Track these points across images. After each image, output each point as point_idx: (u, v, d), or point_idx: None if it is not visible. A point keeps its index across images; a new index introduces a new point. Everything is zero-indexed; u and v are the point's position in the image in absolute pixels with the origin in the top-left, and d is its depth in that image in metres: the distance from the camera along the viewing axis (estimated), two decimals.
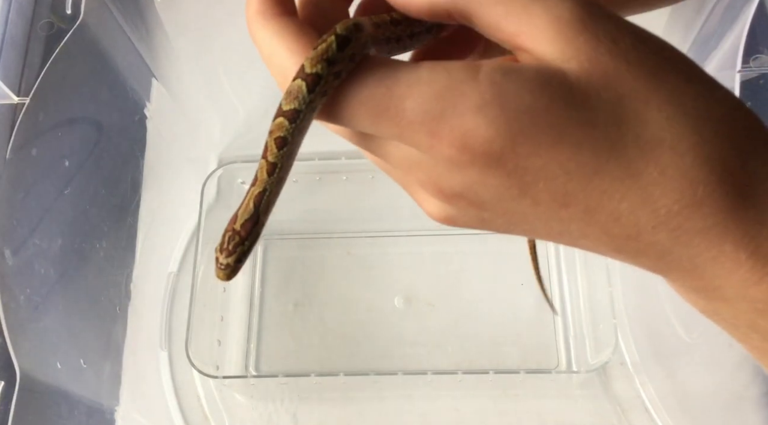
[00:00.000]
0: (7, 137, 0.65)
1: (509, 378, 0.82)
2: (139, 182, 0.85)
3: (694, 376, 0.79)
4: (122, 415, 0.77)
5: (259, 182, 0.30)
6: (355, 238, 0.92)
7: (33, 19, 0.73)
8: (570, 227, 0.26)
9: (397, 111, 0.24)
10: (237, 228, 0.30)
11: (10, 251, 0.64)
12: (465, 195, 0.26)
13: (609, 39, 0.24)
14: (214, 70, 0.88)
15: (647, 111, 0.23)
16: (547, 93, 0.23)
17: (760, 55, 0.67)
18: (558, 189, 0.24)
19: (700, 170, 0.23)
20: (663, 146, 0.23)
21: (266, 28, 0.27)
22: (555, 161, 0.24)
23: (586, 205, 0.24)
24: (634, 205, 0.24)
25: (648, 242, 0.25)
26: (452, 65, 0.24)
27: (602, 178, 0.24)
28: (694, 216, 0.24)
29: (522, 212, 0.26)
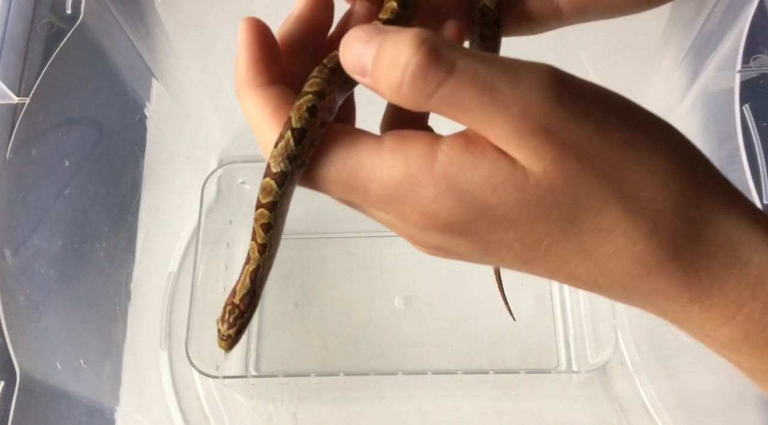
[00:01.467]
0: (7, 137, 0.65)
1: (509, 378, 0.82)
2: (139, 182, 0.85)
3: (694, 376, 0.79)
4: (122, 415, 0.77)
5: (252, 260, 0.33)
6: (355, 238, 0.92)
7: (33, 19, 0.73)
8: (539, 275, 0.28)
9: (365, 190, 0.27)
10: (236, 302, 0.34)
11: (10, 251, 0.64)
12: (440, 248, 0.29)
13: (573, 144, 0.24)
14: (214, 70, 0.88)
15: (605, 206, 0.25)
16: (499, 192, 0.25)
17: (760, 55, 0.67)
18: (519, 255, 0.27)
19: (651, 252, 0.25)
20: (616, 233, 0.25)
21: (250, 100, 0.29)
22: (512, 238, 0.26)
23: (546, 267, 0.27)
24: (590, 271, 0.26)
25: (610, 293, 0.27)
26: (411, 150, 0.26)
27: (558, 252, 0.26)
28: (647, 281, 0.26)
29: (494, 262, 0.29)
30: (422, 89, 0.24)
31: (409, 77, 0.24)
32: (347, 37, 0.26)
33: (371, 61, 0.25)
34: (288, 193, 0.30)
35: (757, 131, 0.64)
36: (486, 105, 0.24)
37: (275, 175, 0.28)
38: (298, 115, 0.27)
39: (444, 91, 0.24)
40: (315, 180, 0.28)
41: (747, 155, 0.63)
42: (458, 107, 0.24)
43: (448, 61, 0.24)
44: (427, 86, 0.24)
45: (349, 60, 0.26)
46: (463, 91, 0.24)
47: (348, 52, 0.26)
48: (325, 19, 0.31)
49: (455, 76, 0.24)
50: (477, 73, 0.24)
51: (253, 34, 0.29)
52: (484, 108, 0.24)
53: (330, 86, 0.28)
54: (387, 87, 0.25)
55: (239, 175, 0.92)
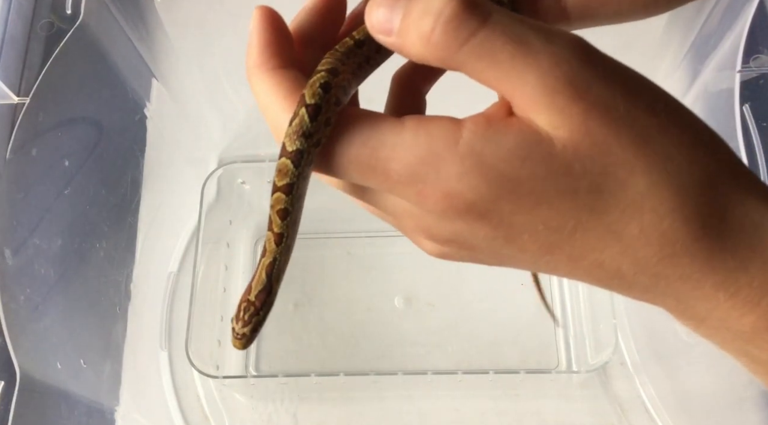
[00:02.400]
0: (7, 137, 0.65)
1: (509, 378, 0.82)
2: (139, 182, 0.85)
3: (694, 376, 0.79)
4: (122, 415, 0.77)
5: (268, 252, 0.32)
6: (355, 238, 0.92)
7: (33, 19, 0.73)
8: (557, 268, 0.27)
9: (384, 170, 0.25)
10: (252, 299, 0.32)
11: (10, 251, 0.64)
12: (455, 240, 0.27)
13: (601, 106, 0.24)
14: (214, 70, 0.88)
15: (631, 178, 0.24)
16: (527, 163, 0.24)
17: (760, 55, 0.67)
18: (541, 240, 0.26)
19: (678, 230, 0.24)
20: (644, 208, 0.24)
21: (263, 82, 0.28)
22: (536, 219, 0.25)
23: (569, 253, 0.26)
24: (615, 255, 0.25)
25: (631, 283, 0.26)
26: (434, 128, 0.25)
27: (583, 233, 0.25)
28: (673, 265, 0.25)
29: (510, 255, 0.27)
30: (455, 37, 0.24)
31: (443, 24, 0.24)
32: (373, 1, 0.26)
33: (400, 17, 0.25)
34: (305, 174, 0.28)
35: (757, 131, 0.64)
36: (518, 57, 0.24)
37: (291, 154, 0.27)
38: (312, 91, 0.26)
39: (476, 40, 0.24)
40: (332, 162, 0.27)
41: (747, 155, 0.63)
42: (489, 59, 0.24)
43: (482, 11, 0.24)
44: (460, 34, 0.24)
45: (374, 19, 0.26)
46: (495, 42, 0.24)
47: (374, 12, 0.26)
48: (338, 11, 0.31)
49: (489, 25, 0.24)
50: (511, 25, 0.24)
51: (267, 20, 0.28)
52: (516, 60, 0.24)
53: (343, 66, 0.28)
54: (417, 37, 0.24)
55: (239, 175, 0.92)
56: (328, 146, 0.27)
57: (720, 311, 0.26)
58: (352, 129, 0.26)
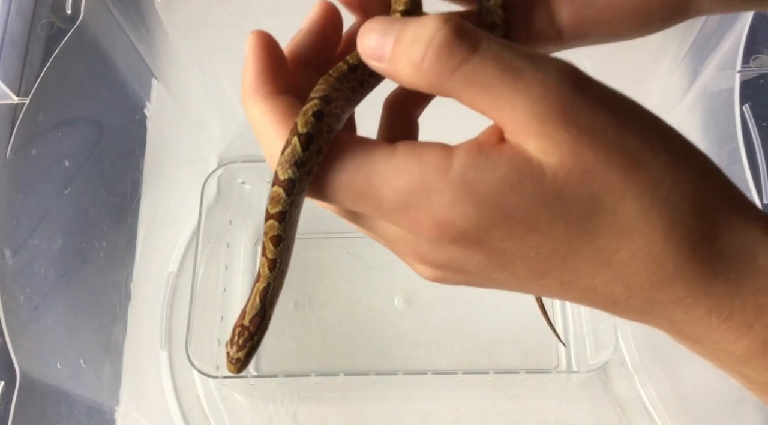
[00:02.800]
0: (7, 137, 0.65)
1: (509, 378, 0.82)
2: (139, 182, 0.85)
3: (694, 376, 0.79)
4: (122, 415, 0.77)
5: (262, 277, 0.32)
6: (355, 238, 0.92)
7: (33, 19, 0.73)
8: (550, 291, 0.27)
9: (376, 198, 0.26)
10: (246, 324, 0.32)
11: (10, 251, 0.64)
12: (449, 266, 0.28)
13: (591, 133, 0.24)
14: (214, 70, 0.88)
15: (621, 204, 0.24)
16: (518, 191, 0.24)
17: (760, 55, 0.67)
18: (533, 266, 0.26)
19: (670, 254, 0.25)
20: (634, 234, 0.24)
21: (257, 107, 0.28)
22: (528, 246, 0.25)
23: (561, 279, 0.26)
24: (608, 280, 0.26)
25: (626, 306, 0.27)
26: (426, 156, 0.25)
27: (574, 260, 0.25)
28: (666, 289, 0.25)
29: (504, 279, 0.27)
30: (446, 64, 0.24)
31: (434, 51, 0.24)
32: (365, 27, 0.26)
33: (391, 44, 0.25)
34: (297, 202, 0.29)
35: (757, 131, 0.64)
36: (508, 83, 0.24)
37: (283, 183, 0.28)
38: (304, 120, 0.27)
39: (467, 67, 0.24)
40: (324, 188, 0.27)
41: (747, 155, 0.63)
42: (480, 86, 0.24)
43: (473, 39, 0.24)
44: (451, 61, 0.24)
45: (366, 45, 0.26)
46: (486, 69, 0.24)
47: (366, 37, 0.26)
48: (335, 33, 0.31)
49: (480, 53, 0.24)
50: (501, 53, 0.24)
51: (262, 45, 0.29)
52: (505, 86, 0.24)
53: (336, 93, 0.28)
54: (408, 64, 0.25)
55: (239, 175, 0.92)
56: (321, 173, 0.27)
57: (714, 334, 0.26)
58: (344, 156, 0.26)
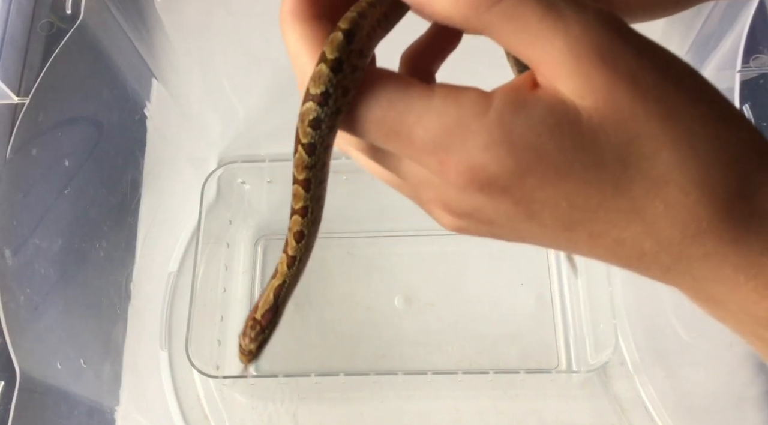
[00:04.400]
0: (7, 137, 0.65)
1: (509, 378, 0.82)
2: (139, 182, 0.85)
3: (694, 376, 0.79)
4: (122, 415, 0.77)
5: (279, 274, 0.32)
6: (355, 238, 0.92)
7: (33, 19, 0.73)
8: (577, 245, 0.27)
9: (408, 136, 0.25)
10: (258, 318, 0.33)
11: (10, 251, 0.64)
12: (474, 215, 0.27)
13: (628, 76, 0.24)
14: (214, 70, 0.88)
15: (657, 153, 0.24)
16: (555, 135, 0.24)
17: (760, 55, 0.67)
18: (563, 217, 0.25)
19: (703, 208, 0.24)
20: (669, 185, 0.24)
21: (294, 30, 0.27)
22: (560, 195, 0.24)
23: (590, 230, 0.25)
24: (638, 234, 0.25)
25: (651, 262, 0.26)
26: (464, 97, 0.24)
27: (607, 210, 0.25)
28: (696, 245, 0.25)
29: (530, 231, 0.26)
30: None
31: None
32: None
33: None
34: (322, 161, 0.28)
35: None
36: (548, 22, 0.23)
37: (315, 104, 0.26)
38: (332, 47, 0.25)
39: (508, 1, 0.24)
40: (356, 120, 0.26)
41: None
42: (518, 21, 0.24)
43: None
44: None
45: None
46: (527, 5, 0.24)
47: None
48: None
49: None
50: None
51: None
52: (545, 24, 0.23)
53: (365, 22, 0.26)
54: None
55: (239, 175, 0.92)
56: (353, 105, 0.26)
57: (739, 295, 0.25)
58: (379, 90, 0.25)
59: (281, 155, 0.89)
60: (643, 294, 0.84)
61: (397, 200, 0.97)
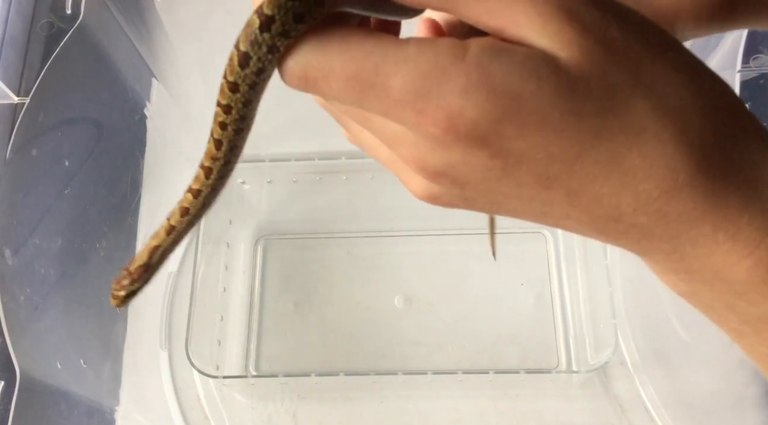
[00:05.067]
0: (7, 137, 0.65)
1: (509, 378, 0.82)
2: (139, 182, 0.85)
3: (694, 376, 0.79)
4: (122, 415, 0.77)
5: (157, 237, 0.36)
6: (355, 238, 0.92)
7: (33, 19, 0.73)
8: (552, 209, 0.26)
9: (384, 88, 0.24)
10: (131, 270, 0.37)
11: (10, 251, 0.64)
12: (448, 173, 0.26)
13: (596, 29, 0.24)
14: (214, 70, 0.88)
15: (632, 100, 0.24)
16: (534, 78, 0.23)
17: (760, 55, 0.67)
18: (540, 172, 0.25)
19: (681, 158, 0.24)
20: (646, 133, 0.24)
21: None
22: (538, 145, 0.24)
23: (568, 187, 0.25)
24: (616, 188, 0.24)
25: (629, 224, 0.25)
26: (440, 44, 0.24)
27: (584, 162, 0.24)
28: (674, 201, 0.24)
29: (505, 193, 0.26)
30: None
31: None
32: None
33: None
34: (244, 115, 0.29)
35: None
36: None
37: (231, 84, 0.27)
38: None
39: None
40: (330, 79, 0.25)
41: None
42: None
43: None
44: None
45: None
46: None
47: None
48: None
49: None
50: None
51: None
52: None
53: None
54: None
55: (239, 175, 0.92)
56: (326, 63, 0.25)
57: (716, 257, 0.25)
58: (352, 44, 0.25)
59: (281, 155, 0.89)
60: (643, 294, 0.84)
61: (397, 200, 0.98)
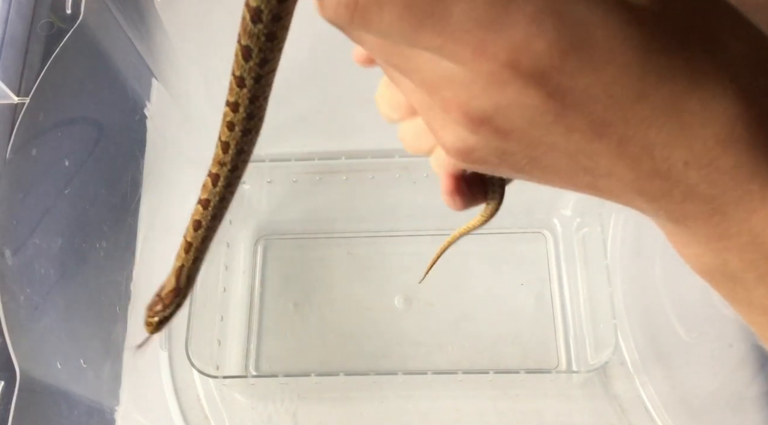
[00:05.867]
0: (7, 137, 0.65)
1: (509, 378, 0.82)
2: (139, 182, 0.85)
3: (694, 376, 0.79)
4: (122, 415, 0.77)
5: (178, 257, 0.36)
6: (355, 238, 0.92)
7: (33, 19, 0.73)
8: (597, 162, 0.24)
9: (443, 18, 0.22)
10: (162, 296, 0.38)
11: (10, 251, 0.64)
12: (493, 119, 0.24)
13: None
14: (214, 70, 0.88)
15: (698, 44, 0.23)
16: (603, 6, 0.22)
17: None
18: (596, 117, 0.23)
19: (740, 107, 0.23)
20: (708, 79, 0.23)
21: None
22: (600, 83, 0.22)
23: (622, 134, 0.23)
24: (670, 137, 0.23)
25: (675, 181, 0.24)
26: None
27: (644, 105, 0.23)
28: (728, 153, 0.23)
29: (549, 143, 0.24)
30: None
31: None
32: None
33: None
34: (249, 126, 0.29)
35: None
36: None
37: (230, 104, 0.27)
38: None
39: None
40: (383, 7, 0.23)
41: None
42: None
43: None
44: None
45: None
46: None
47: None
48: None
49: None
50: None
51: None
52: None
53: None
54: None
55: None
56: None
57: (757, 218, 0.24)
58: None
59: (281, 155, 0.89)
60: (643, 294, 0.84)
61: (397, 200, 0.98)
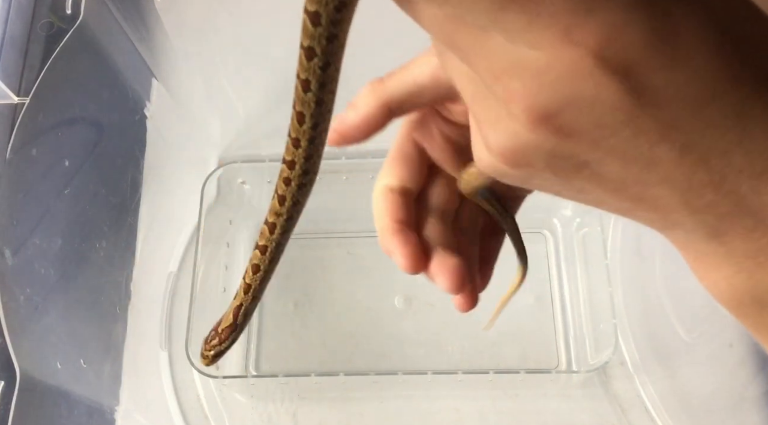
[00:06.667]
0: (7, 137, 0.65)
1: (509, 378, 0.82)
2: (139, 182, 0.85)
3: (694, 376, 0.79)
4: (122, 415, 0.77)
5: (238, 297, 0.37)
6: (355, 238, 0.92)
7: (33, 19, 0.73)
8: (655, 169, 0.23)
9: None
10: (219, 331, 0.40)
11: (10, 251, 0.64)
12: (558, 117, 0.22)
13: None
14: (214, 70, 0.88)
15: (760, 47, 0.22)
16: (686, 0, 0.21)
17: None
18: (667, 117, 0.22)
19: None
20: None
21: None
22: (679, 81, 0.21)
23: (686, 139, 0.22)
24: (731, 144, 0.22)
25: (726, 191, 0.23)
26: None
27: (711, 109, 0.22)
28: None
29: (609, 148, 0.23)
30: None
31: None
32: None
33: None
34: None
35: None
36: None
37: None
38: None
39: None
40: None
41: None
42: None
43: None
44: None
45: None
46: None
47: None
48: None
49: None
50: None
51: None
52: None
53: None
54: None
55: (239, 175, 0.92)
56: None
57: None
58: None
59: (281, 155, 0.89)
60: (643, 294, 0.84)
61: None
